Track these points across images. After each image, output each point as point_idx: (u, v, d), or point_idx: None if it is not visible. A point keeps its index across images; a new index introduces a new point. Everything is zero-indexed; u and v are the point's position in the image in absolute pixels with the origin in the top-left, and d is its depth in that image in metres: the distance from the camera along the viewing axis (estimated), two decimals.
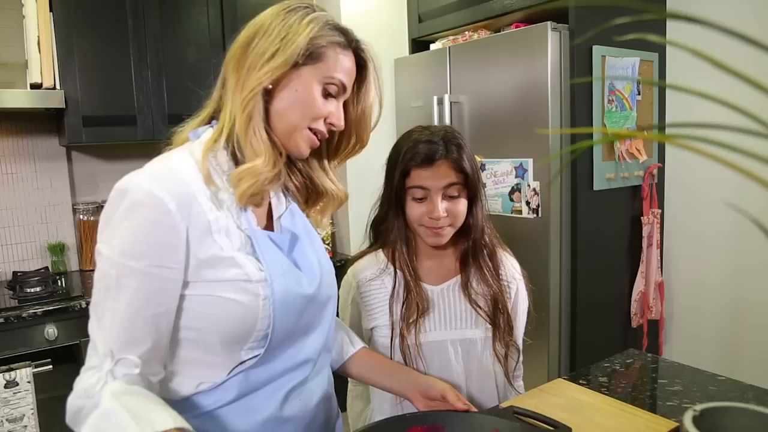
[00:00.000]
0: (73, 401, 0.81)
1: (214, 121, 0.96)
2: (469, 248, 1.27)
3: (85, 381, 0.81)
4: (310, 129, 0.94)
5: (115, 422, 0.74)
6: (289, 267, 0.94)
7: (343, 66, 0.95)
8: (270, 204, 1.01)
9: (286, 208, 1.03)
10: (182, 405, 0.89)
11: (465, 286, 1.27)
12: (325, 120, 0.95)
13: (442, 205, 1.19)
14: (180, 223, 0.82)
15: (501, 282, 1.29)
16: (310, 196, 1.09)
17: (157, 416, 0.75)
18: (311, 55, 0.91)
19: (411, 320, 1.24)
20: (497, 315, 1.26)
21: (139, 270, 0.81)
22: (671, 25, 2.36)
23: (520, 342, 1.35)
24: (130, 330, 0.82)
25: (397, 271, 1.27)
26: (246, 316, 0.87)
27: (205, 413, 0.91)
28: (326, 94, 0.94)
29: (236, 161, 0.92)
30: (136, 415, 0.74)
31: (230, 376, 0.90)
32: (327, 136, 0.98)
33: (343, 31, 0.96)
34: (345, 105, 1.00)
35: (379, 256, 1.33)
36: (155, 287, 0.82)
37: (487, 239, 1.29)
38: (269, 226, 1.00)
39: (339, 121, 0.97)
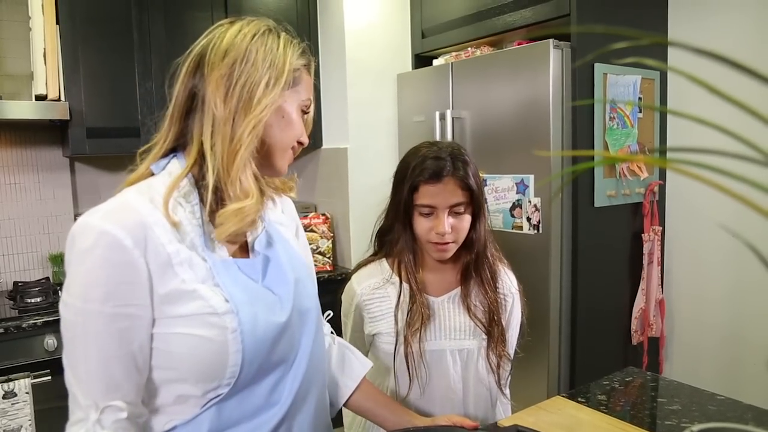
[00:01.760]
0: None
1: (179, 153, 0.91)
2: (471, 262, 1.31)
3: None
4: (292, 149, 0.95)
5: None
6: (261, 294, 0.90)
7: (311, 87, 0.96)
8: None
9: (261, 231, 0.98)
10: None
11: (464, 298, 1.31)
12: (300, 137, 0.96)
13: (448, 222, 1.23)
14: (138, 258, 0.78)
15: (498, 295, 1.32)
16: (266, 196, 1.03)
17: None
18: (292, 81, 0.91)
19: (414, 328, 1.26)
20: (492, 326, 1.30)
21: (105, 312, 0.77)
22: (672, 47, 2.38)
23: (512, 352, 1.39)
24: (108, 375, 0.78)
25: (403, 282, 1.31)
26: (217, 352, 0.82)
27: None
28: (301, 115, 0.95)
29: (216, 195, 0.86)
30: None
31: (202, 411, 0.85)
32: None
33: (307, 53, 0.95)
34: None
35: (383, 266, 1.36)
36: (124, 326, 0.78)
37: (489, 255, 1.32)
38: (245, 253, 0.95)
39: (306, 136, 0.97)
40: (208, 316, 0.81)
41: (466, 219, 1.26)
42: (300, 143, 0.95)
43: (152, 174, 0.90)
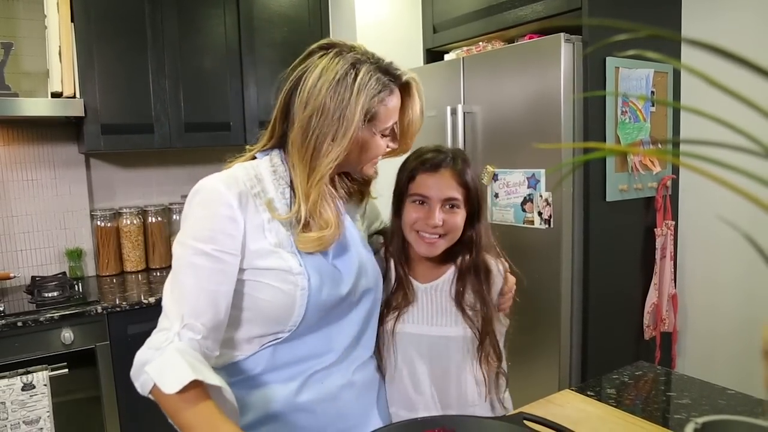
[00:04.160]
0: (141, 354, 0.93)
1: (277, 150, 1.11)
2: (471, 266, 1.25)
3: (154, 339, 0.94)
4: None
5: (175, 367, 0.88)
6: (328, 269, 1.07)
7: (393, 110, 1.08)
8: None
9: None
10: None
11: (459, 299, 1.24)
12: (386, 149, 1.13)
13: (439, 215, 1.19)
14: (239, 217, 1.00)
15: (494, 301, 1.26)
16: (353, 195, 1.23)
17: (209, 374, 0.90)
18: (367, 119, 1.04)
19: (393, 306, 1.24)
20: (484, 335, 1.23)
21: (206, 252, 0.97)
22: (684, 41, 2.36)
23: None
24: (196, 301, 0.96)
25: (391, 268, 1.28)
26: (286, 303, 1.02)
27: (232, 383, 1.04)
28: (385, 136, 1.11)
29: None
30: (193, 367, 0.88)
31: (261, 349, 1.06)
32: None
33: (387, 74, 1.06)
34: None
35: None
36: (217, 268, 0.98)
37: (490, 260, 1.27)
38: None
39: (396, 144, 1.15)
40: (285, 273, 1.02)
41: (460, 215, 1.21)
42: (391, 150, 1.15)
43: (254, 158, 1.13)
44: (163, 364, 0.89)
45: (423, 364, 1.25)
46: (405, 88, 1.11)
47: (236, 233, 0.99)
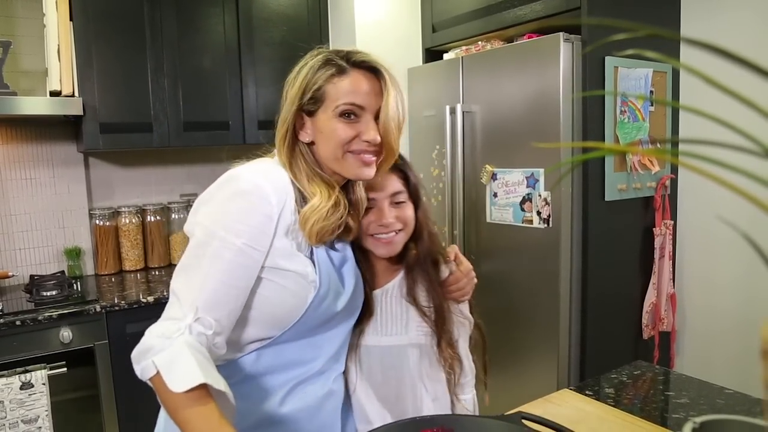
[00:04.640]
0: (147, 340, 0.90)
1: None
2: (417, 258, 1.23)
3: (163, 327, 0.91)
4: (351, 152, 1.04)
5: (184, 363, 0.85)
6: (335, 280, 1.08)
7: (347, 90, 1.02)
8: None
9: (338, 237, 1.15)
10: None
11: (410, 293, 1.23)
12: (360, 139, 1.03)
13: (390, 212, 1.17)
14: (275, 215, 0.98)
15: (446, 293, 1.25)
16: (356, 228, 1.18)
17: (217, 377, 0.87)
18: (315, 100, 1.04)
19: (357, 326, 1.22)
20: (440, 328, 1.23)
21: (236, 245, 0.95)
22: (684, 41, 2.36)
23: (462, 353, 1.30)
24: (215, 294, 0.93)
25: None
26: (294, 306, 1.02)
27: None
28: (348, 120, 1.03)
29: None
30: (202, 367, 0.85)
31: (245, 354, 1.04)
32: (373, 150, 1.05)
33: (341, 57, 1.03)
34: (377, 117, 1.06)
35: None
36: (244, 263, 0.96)
37: (434, 249, 1.26)
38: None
39: (369, 135, 1.03)
40: (300, 277, 1.02)
41: (410, 207, 1.20)
42: (365, 141, 1.03)
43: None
44: (172, 359, 0.86)
45: (376, 375, 1.23)
46: (380, 79, 1.05)
47: (270, 231, 0.98)
